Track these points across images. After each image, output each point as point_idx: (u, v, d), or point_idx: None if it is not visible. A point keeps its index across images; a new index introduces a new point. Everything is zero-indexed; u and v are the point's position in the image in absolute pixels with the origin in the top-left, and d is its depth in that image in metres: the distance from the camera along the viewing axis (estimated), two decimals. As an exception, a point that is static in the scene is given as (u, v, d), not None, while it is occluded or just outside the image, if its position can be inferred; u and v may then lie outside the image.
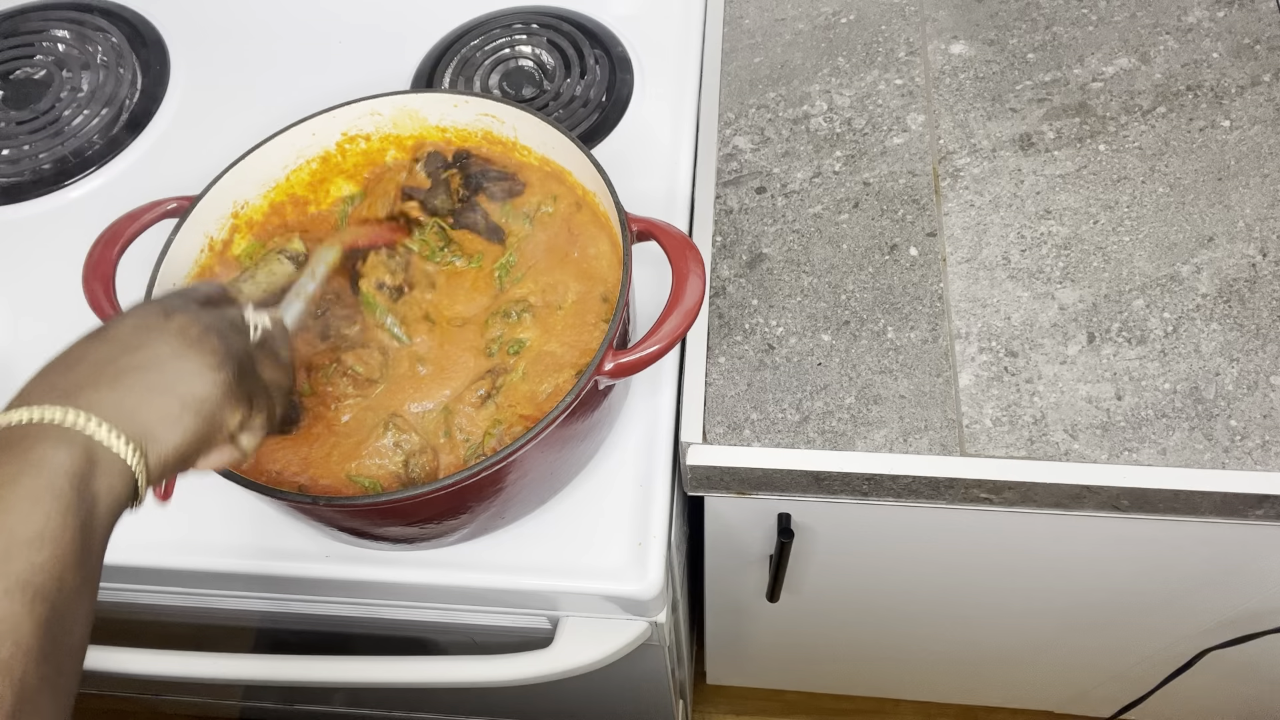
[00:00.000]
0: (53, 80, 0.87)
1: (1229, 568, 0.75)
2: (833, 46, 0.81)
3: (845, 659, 1.12)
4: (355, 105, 0.64)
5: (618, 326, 0.53)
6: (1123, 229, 0.70)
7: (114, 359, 0.39)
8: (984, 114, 0.76)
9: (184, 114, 0.85)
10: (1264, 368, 0.63)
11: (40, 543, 0.32)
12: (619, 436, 0.66)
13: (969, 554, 0.78)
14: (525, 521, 0.63)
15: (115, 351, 0.39)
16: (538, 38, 0.85)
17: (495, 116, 0.64)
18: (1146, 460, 0.61)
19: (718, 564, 0.85)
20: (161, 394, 0.39)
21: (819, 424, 0.64)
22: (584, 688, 0.78)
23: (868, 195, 0.73)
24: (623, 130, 0.80)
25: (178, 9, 0.92)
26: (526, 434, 0.50)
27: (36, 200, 0.80)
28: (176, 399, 0.39)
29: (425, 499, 0.50)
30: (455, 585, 0.63)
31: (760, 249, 0.71)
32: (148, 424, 0.38)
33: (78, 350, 0.40)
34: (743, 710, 1.35)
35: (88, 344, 0.40)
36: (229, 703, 1.11)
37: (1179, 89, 0.76)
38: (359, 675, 0.68)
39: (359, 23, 0.89)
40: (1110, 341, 0.65)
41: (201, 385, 0.40)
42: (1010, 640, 0.99)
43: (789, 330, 0.68)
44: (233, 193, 0.62)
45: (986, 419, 0.63)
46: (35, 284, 0.76)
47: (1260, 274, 0.67)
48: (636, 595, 0.61)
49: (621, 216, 0.56)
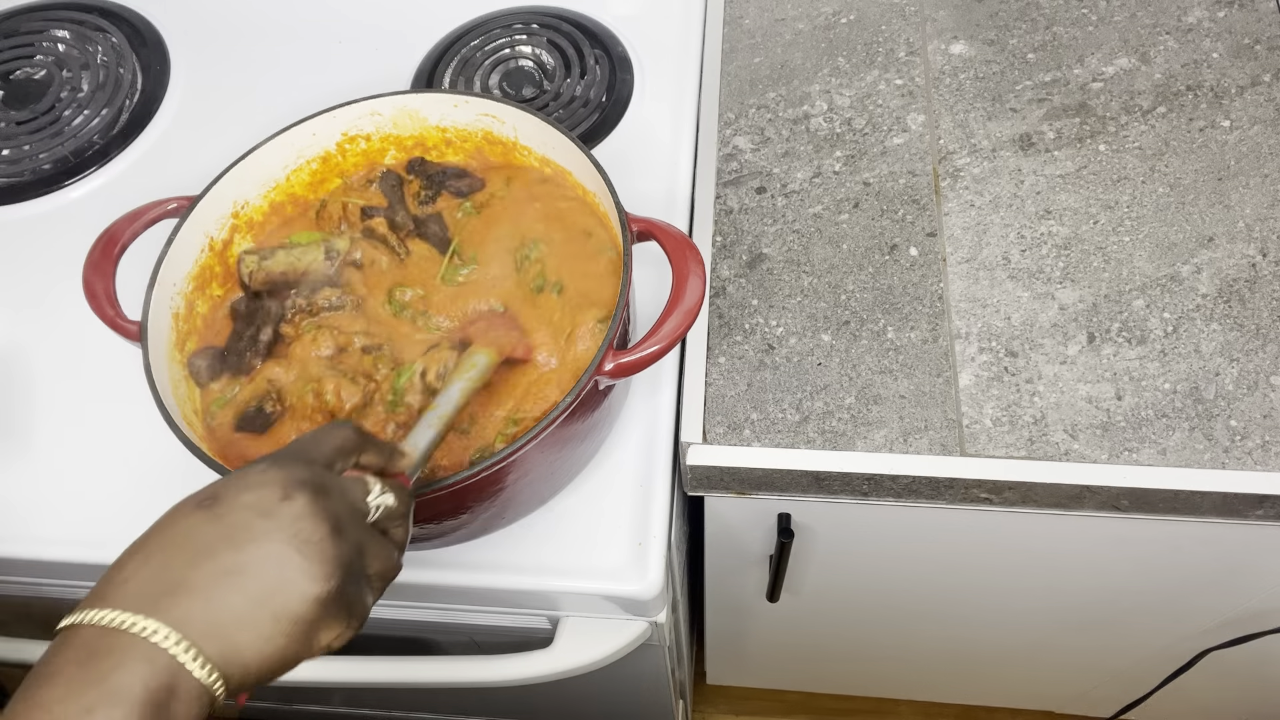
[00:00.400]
0: (53, 80, 0.87)
1: (1229, 568, 0.75)
2: (833, 46, 0.81)
3: (845, 659, 1.12)
4: (355, 105, 0.64)
5: (618, 326, 0.53)
6: (1123, 229, 0.70)
7: (215, 552, 0.35)
8: (984, 114, 0.76)
9: (184, 114, 0.85)
10: (1264, 368, 0.63)
11: None
12: (619, 436, 0.66)
13: (969, 554, 0.78)
14: (525, 521, 0.63)
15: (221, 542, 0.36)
16: (538, 38, 0.85)
17: (495, 117, 0.64)
18: (1146, 460, 0.61)
19: (718, 564, 0.85)
20: (258, 607, 0.35)
21: (819, 424, 0.64)
22: (584, 688, 0.78)
23: (868, 195, 0.73)
24: (623, 130, 0.80)
25: (178, 9, 0.92)
26: (526, 434, 0.50)
27: (36, 200, 0.80)
28: (272, 617, 0.35)
29: (425, 499, 0.50)
30: (455, 585, 0.63)
31: (760, 249, 0.71)
32: (238, 645, 0.35)
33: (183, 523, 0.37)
34: (743, 710, 1.35)
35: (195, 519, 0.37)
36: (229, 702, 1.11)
37: (1179, 89, 0.76)
38: (359, 675, 0.68)
39: (359, 23, 0.89)
40: (1110, 341, 0.65)
41: (302, 604, 0.36)
42: (1010, 640, 0.99)
43: (789, 330, 0.68)
44: (233, 193, 0.62)
45: (986, 419, 0.63)
46: (35, 284, 0.76)
47: (1260, 274, 0.67)
48: (636, 595, 0.61)
49: (622, 216, 0.56)
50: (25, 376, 0.71)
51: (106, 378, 0.69)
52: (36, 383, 0.71)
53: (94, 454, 0.67)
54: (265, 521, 0.36)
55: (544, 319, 0.59)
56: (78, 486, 0.66)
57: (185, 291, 0.60)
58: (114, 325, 0.56)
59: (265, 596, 0.35)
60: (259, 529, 0.36)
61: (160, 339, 0.56)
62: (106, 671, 0.32)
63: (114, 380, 0.69)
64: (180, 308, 0.59)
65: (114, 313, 0.56)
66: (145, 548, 0.36)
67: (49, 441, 0.68)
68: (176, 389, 0.56)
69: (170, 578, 0.35)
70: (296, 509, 0.37)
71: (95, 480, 0.66)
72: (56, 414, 0.69)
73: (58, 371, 0.71)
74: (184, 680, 0.33)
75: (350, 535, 0.38)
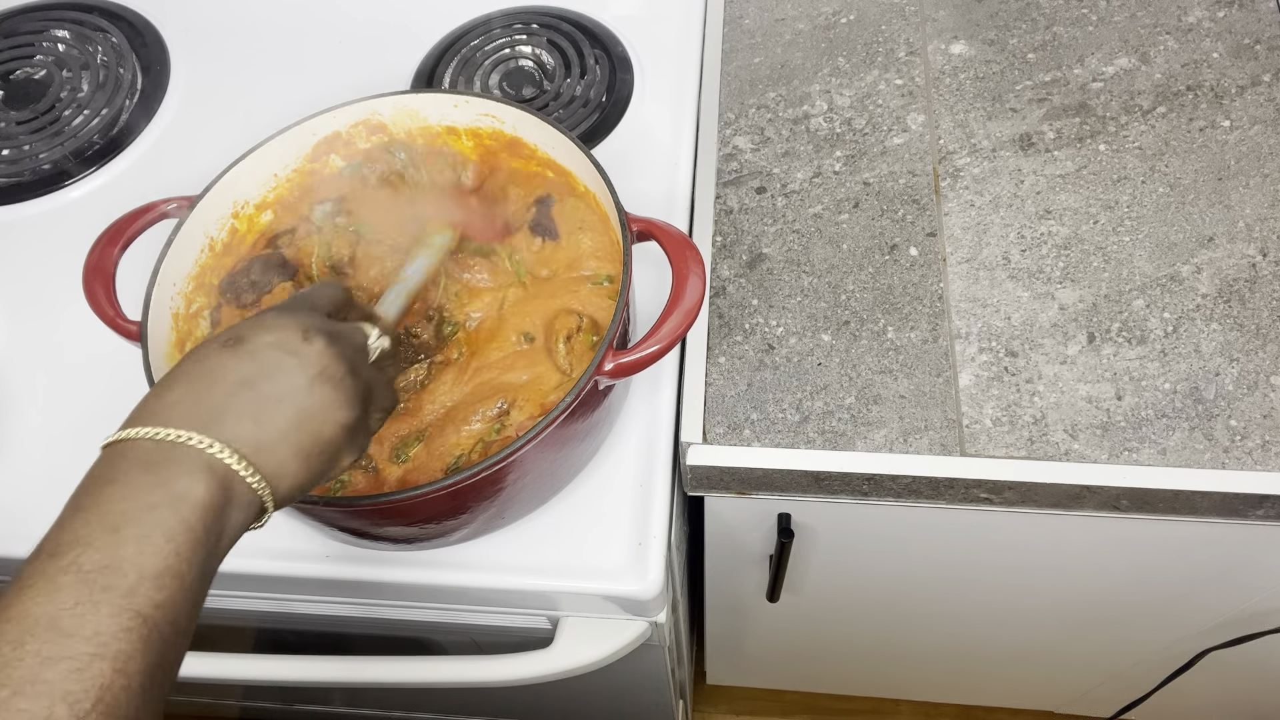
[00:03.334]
0: (53, 80, 0.87)
1: (1229, 568, 0.75)
2: (833, 46, 0.81)
3: (845, 659, 1.12)
4: (355, 105, 0.64)
5: (618, 326, 0.53)
6: (1123, 229, 0.70)
7: (252, 383, 0.39)
8: (984, 114, 0.76)
9: (184, 114, 0.85)
10: (1264, 368, 0.63)
11: (165, 578, 0.33)
12: (619, 436, 0.66)
13: (969, 554, 0.78)
14: (525, 521, 0.63)
15: (254, 374, 0.39)
16: (538, 38, 0.85)
17: (496, 116, 0.64)
18: (1146, 460, 0.61)
19: (718, 564, 0.85)
20: (297, 431, 0.39)
21: (819, 424, 0.64)
22: (584, 688, 0.78)
23: (868, 195, 0.73)
24: (623, 130, 0.80)
25: (178, 9, 0.92)
26: (526, 434, 0.50)
27: (36, 200, 0.80)
28: (311, 438, 0.39)
29: (425, 499, 0.50)
30: (455, 585, 0.63)
31: (760, 249, 0.71)
32: (282, 460, 0.38)
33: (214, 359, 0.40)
34: (743, 710, 1.35)
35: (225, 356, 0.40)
36: (229, 703, 1.11)
37: (1179, 89, 0.76)
38: (359, 675, 0.68)
39: (359, 23, 0.89)
40: (1110, 341, 0.65)
41: (333, 428, 0.40)
42: (1010, 640, 0.99)
43: (789, 330, 0.68)
44: (233, 193, 0.62)
45: (986, 419, 0.63)
46: (35, 284, 0.76)
47: (1260, 274, 0.67)
48: (636, 595, 0.61)
49: (622, 216, 0.56)
50: (25, 376, 0.71)
51: (106, 378, 0.69)
52: (36, 383, 0.71)
53: (93, 454, 0.67)
54: (292, 358, 0.40)
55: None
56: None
57: (185, 291, 0.60)
58: (114, 325, 0.56)
59: (303, 421, 0.39)
60: (289, 364, 0.40)
61: (160, 339, 0.56)
62: (170, 477, 0.35)
63: (114, 380, 0.69)
64: (180, 308, 0.59)
65: (114, 313, 0.56)
66: (183, 378, 0.39)
67: (48, 441, 0.68)
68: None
69: (215, 403, 0.38)
70: (318, 348, 0.41)
71: (95, 480, 0.66)
72: (56, 414, 0.69)
73: (57, 371, 0.71)
74: (239, 490, 0.37)
75: (362, 373, 0.43)
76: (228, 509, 0.36)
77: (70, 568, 0.32)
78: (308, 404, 0.39)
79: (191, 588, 0.34)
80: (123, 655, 0.31)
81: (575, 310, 0.59)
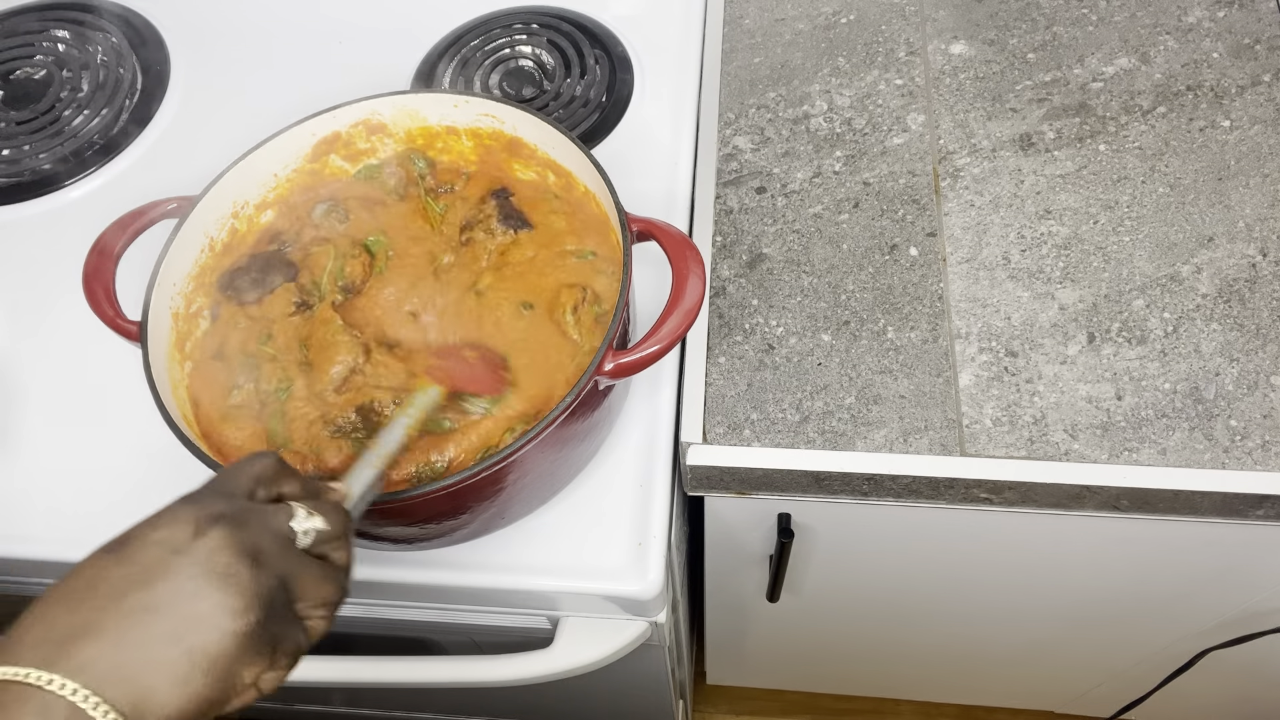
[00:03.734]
0: (53, 80, 0.87)
1: (1229, 568, 0.75)
2: (833, 46, 0.81)
3: (845, 659, 1.12)
4: (355, 105, 0.64)
5: (618, 326, 0.53)
6: (1123, 229, 0.70)
7: (126, 593, 0.34)
8: (984, 114, 0.76)
9: (184, 114, 0.85)
10: (1264, 368, 0.63)
11: None
12: (619, 436, 0.66)
13: (969, 554, 0.78)
14: (525, 521, 0.63)
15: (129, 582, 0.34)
16: (538, 38, 0.85)
17: (496, 116, 0.64)
18: (1146, 460, 0.61)
19: (718, 564, 0.85)
20: (170, 646, 0.33)
21: (819, 424, 0.64)
22: (584, 688, 0.78)
23: (868, 195, 0.73)
24: (623, 130, 0.80)
25: (178, 9, 0.92)
26: (526, 434, 0.50)
27: (36, 200, 0.80)
28: (186, 656, 0.34)
29: (425, 499, 0.50)
30: (455, 585, 0.63)
31: (760, 249, 0.71)
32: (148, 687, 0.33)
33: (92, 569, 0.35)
34: (743, 710, 1.35)
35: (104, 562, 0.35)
36: (229, 703, 1.11)
37: (1179, 89, 0.76)
38: (359, 675, 0.68)
39: (359, 23, 0.89)
40: (1110, 341, 0.65)
41: (221, 638, 0.34)
42: (1010, 640, 0.99)
43: (789, 330, 0.68)
44: (233, 193, 0.62)
45: (986, 419, 0.63)
46: (35, 284, 0.76)
47: (1260, 274, 0.67)
48: (636, 595, 0.61)
49: (621, 216, 0.56)
50: (25, 376, 0.71)
51: (106, 378, 0.69)
52: (36, 383, 0.71)
53: (93, 454, 0.67)
54: (177, 558, 0.35)
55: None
56: (77, 486, 0.66)
57: (185, 291, 0.60)
58: (114, 325, 0.56)
59: (178, 635, 0.34)
60: (171, 565, 0.34)
61: (160, 339, 0.56)
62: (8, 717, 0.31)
63: (114, 380, 0.69)
64: (180, 308, 0.59)
65: (114, 313, 0.56)
66: (50, 597, 0.35)
67: (48, 441, 0.68)
68: (176, 389, 0.56)
69: (75, 623, 0.33)
70: (211, 543, 0.35)
71: (95, 480, 0.66)
72: (56, 414, 0.69)
73: (57, 372, 0.71)
74: None
75: (273, 566, 0.37)
76: None
77: None
78: (188, 612, 0.34)
79: None
80: None
81: (577, 284, 0.59)
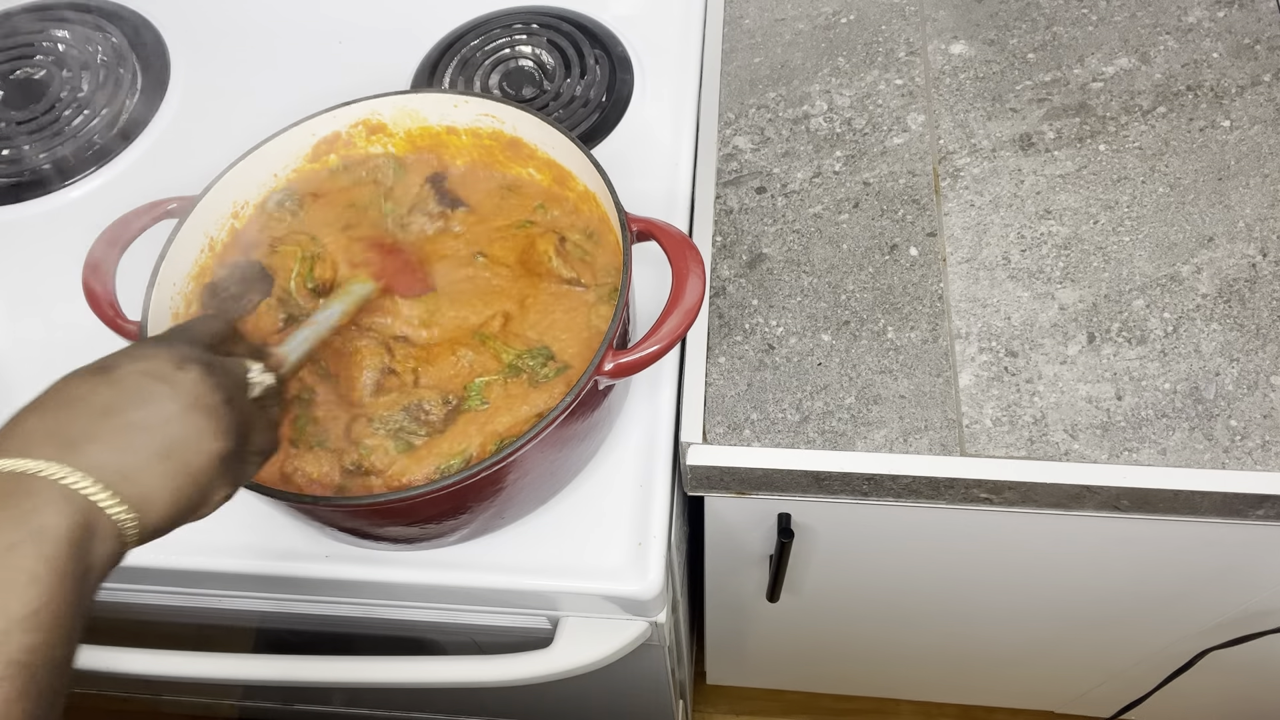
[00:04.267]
0: (53, 80, 0.87)
1: (1229, 568, 0.75)
2: (833, 46, 0.81)
3: (845, 659, 1.12)
4: (355, 105, 0.64)
5: (618, 326, 0.53)
6: (1123, 229, 0.70)
7: (119, 409, 0.37)
8: (984, 114, 0.76)
9: (184, 114, 0.85)
10: (1264, 368, 0.63)
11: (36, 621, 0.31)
12: (619, 436, 0.66)
13: (969, 554, 0.78)
14: (525, 521, 0.63)
15: (121, 401, 0.37)
16: (538, 38, 0.85)
17: (496, 116, 0.64)
18: (1146, 460, 0.61)
19: (718, 564, 0.85)
20: (165, 460, 0.37)
21: (819, 424, 0.64)
22: (584, 688, 0.78)
23: (868, 195, 0.73)
24: (623, 130, 0.80)
25: (178, 9, 0.92)
26: (526, 434, 0.50)
27: (36, 200, 0.80)
28: (180, 467, 0.38)
29: (425, 499, 0.50)
30: (455, 585, 0.63)
31: (760, 249, 0.71)
32: (149, 490, 0.36)
33: (78, 388, 0.38)
34: (743, 710, 1.35)
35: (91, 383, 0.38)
36: (229, 703, 1.11)
37: (1179, 89, 0.76)
38: (359, 675, 0.68)
39: (359, 23, 0.89)
40: (1110, 341, 0.65)
41: (205, 458, 0.38)
42: (1010, 640, 0.99)
43: (789, 330, 0.68)
44: (233, 193, 0.62)
45: (986, 419, 0.63)
46: (35, 284, 0.76)
47: (1260, 274, 0.67)
48: (636, 595, 0.61)
49: (621, 216, 0.56)
50: (25, 377, 0.71)
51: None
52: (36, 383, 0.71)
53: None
54: (162, 385, 0.38)
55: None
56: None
57: (185, 291, 0.60)
58: (114, 325, 0.56)
59: (172, 449, 0.37)
60: (159, 391, 0.38)
61: (160, 339, 0.56)
62: (26, 513, 0.33)
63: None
64: (180, 308, 0.59)
65: (114, 313, 0.56)
66: (41, 407, 0.38)
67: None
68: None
69: (75, 430, 0.36)
70: (192, 377, 0.39)
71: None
72: (56, 414, 0.69)
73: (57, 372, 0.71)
74: (102, 521, 0.35)
75: (238, 406, 0.41)
76: (91, 542, 0.34)
77: None
78: (178, 432, 0.38)
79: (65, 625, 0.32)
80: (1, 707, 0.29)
81: (548, 230, 0.61)
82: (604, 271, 0.61)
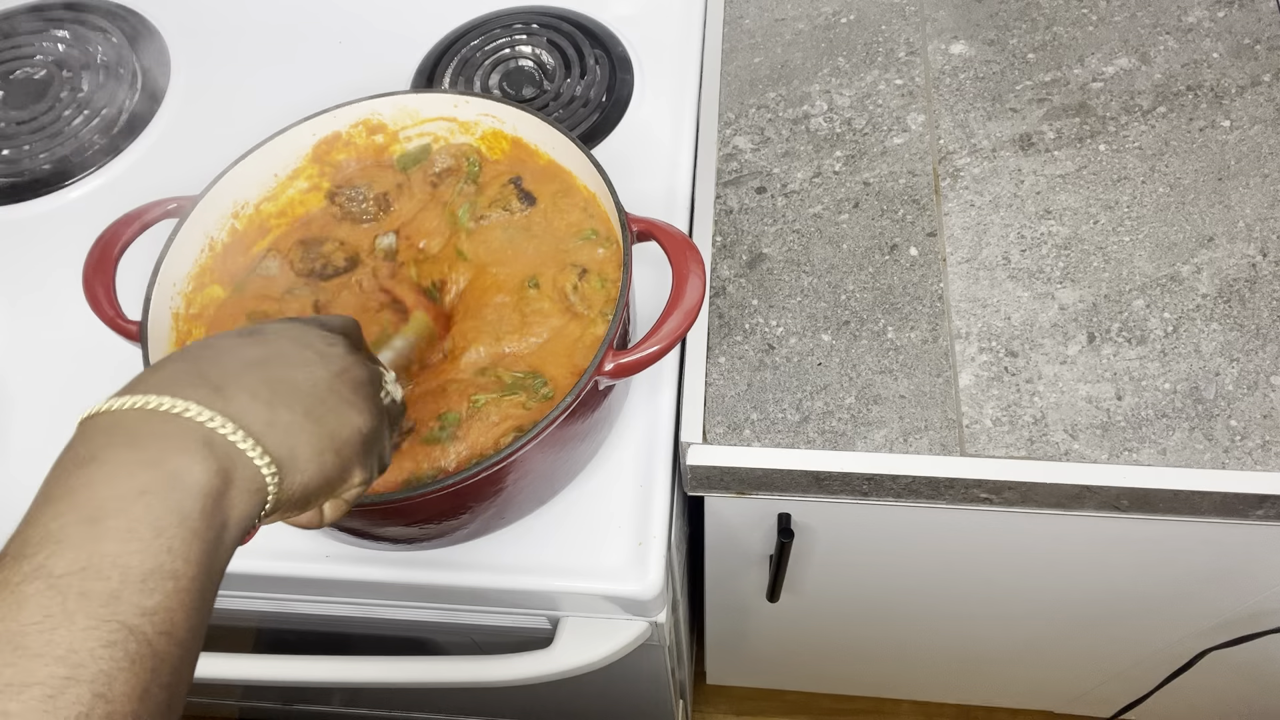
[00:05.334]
0: (53, 80, 0.87)
1: (1229, 568, 0.75)
2: (833, 46, 0.81)
3: (845, 659, 1.12)
4: (356, 105, 0.64)
5: (618, 326, 0.53)
6: (1123, 229, 0.70)
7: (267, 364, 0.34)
8: (984, 114, 0.76)
9: (184, 114, 0.85)
10: (1264, 368, 0.63)
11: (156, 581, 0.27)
12: (619, 436, 0.66)
13: (969, 554, 0.78)
14: (525, 521, 0.63)
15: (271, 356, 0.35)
16: (538, 38, 0.85)
17: (496, 117, 0.64)
18: (1146, 460, 0.61)
19: (718, 564, 0.85)
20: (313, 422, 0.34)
21: (819, 424, 0.64)
22: (584, 688, 0.78)
23: (868, 195, 0.73)
24: (623, 130, 0.80)
25: (178, 9, 0.92)
26: (526, 434, 0.50)
27: (36, 200, 0.80)
28: (328, 434, 0.34)
29: (425, 499, 0.50)
30: (455, 585, 0.63)
31: (760, 249, 0.71)
32: (295, 448, 0.33)
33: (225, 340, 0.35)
34: (743, 710, 1.35)
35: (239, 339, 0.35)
36: (228, 703, 1.11)
37: (1179, 89, 0.76)
38: (359, 675, 0.68)
39: (359, 23, 0.89)
40: (1110, 341, 0.65)
41: (351, 430, 0.35)
42: (1010, 640, 0.99)
43: (789, 330, 0.68)
44: (233, 193, 0.62)
45: (986, 419, 0.63)
46: (35, 284, 0.76)
47: (1260, 274, 0.67)
48: (637, 595, 0.61)
49: (621, 216, 0.56)
50: (25, 377, 0.71)
51: (106, 379, 0.69)
52: (36, 383, 0.71)
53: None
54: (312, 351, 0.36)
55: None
56: (78, 486, 0.66)
57: (185, 291, 0.60)
58: (114, 325, 0.56)
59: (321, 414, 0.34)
60: (308, 355, 0.36)
61: (160, 339, 0.56)
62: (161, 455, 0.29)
63: (114, 381, 0.68)
64: (180, 308, 0.59)
65: (114, 313, 0.56)
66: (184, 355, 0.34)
67: (48, 442, 0.68)
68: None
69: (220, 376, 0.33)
70: (340, 351, 0.37)
71: (95, 480, 0.66)
72: (56, 415, 0.69)
73: (57, 372, 0.71)
74: (241, 473, 0.31)
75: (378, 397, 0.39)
76: (229, 494, 0.30)
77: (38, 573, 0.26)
78: (327, 396, 0.35)
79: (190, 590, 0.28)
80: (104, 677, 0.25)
81: (572, 263, 0.60)
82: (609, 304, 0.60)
